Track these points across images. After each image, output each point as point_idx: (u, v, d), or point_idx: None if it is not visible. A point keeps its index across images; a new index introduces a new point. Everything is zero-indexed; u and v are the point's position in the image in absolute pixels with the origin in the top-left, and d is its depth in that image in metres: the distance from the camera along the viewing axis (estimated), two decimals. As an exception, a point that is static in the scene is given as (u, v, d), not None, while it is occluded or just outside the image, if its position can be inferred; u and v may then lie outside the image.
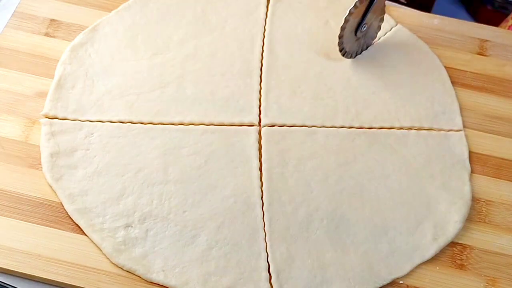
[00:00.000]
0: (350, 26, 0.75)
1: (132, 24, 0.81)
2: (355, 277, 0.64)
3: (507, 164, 0.74)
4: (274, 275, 0.63)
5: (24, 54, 0.77)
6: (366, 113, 0.76)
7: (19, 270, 0.62)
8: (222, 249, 0.64)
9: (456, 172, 0.72)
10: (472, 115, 0.78)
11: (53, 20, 0.81)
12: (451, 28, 0.86)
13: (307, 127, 0.74)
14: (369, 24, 0.78)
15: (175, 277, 0.62)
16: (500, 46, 0.85)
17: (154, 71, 0.77)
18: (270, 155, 0.71)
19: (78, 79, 0.75)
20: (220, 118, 0.73)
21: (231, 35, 0.81)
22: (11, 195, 0.66)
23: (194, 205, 0.67)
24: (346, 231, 0.67)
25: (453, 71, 0.81)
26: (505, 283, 0.66)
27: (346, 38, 0.76)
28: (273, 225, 0.66)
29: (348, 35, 0.76)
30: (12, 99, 0.73)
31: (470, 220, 0.69)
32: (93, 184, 0.67)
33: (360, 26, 0.76)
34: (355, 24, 0.76)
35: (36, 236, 0.64)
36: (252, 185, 0.69)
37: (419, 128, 0.75)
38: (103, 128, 0.71)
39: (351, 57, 0.79)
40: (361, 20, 0.76)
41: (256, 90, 0.76)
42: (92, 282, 0.62)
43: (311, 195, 0.69)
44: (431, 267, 0.66)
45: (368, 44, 0.81)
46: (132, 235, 0.64)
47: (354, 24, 0.76)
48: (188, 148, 0.71)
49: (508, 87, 0.81)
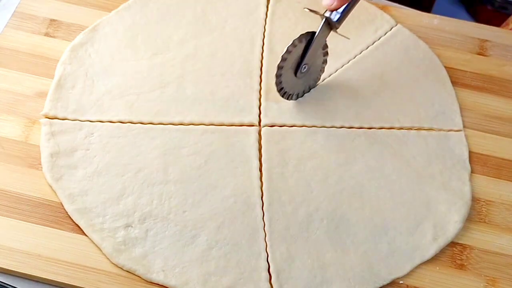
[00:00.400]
0: (288, 65, 0.70)
1: (132, 24, 0.81)
2: (355, 277, 0.64)
3: (507, 164, 0.74)
4: (274, 275, 0.63)
5: (24, 54, 0.77)
6: (366, 113, 0.76)
7: (19, 270, 0.62)
8: (222, 249, 0.64)
9: (456, 172, 0.72)
10: (472, 115, 0.78)
11: (53, 20, 0.81)
12: (451, 28, 0.86)
13: (307, 127, 0.74)
14: (311, 64, 0.72)
15: (175, 277, 0.62)
16: (500, 46, 0.85)
17: (154, 71, 0.77)
18: (270, 155, 0.71)
19: (78, 79, 0.75)
20: (220, 118, 0.73)
21: (231, 35, 0.81)
22: (11, 195, 0.66)
23: (194, 205, 0.67)
24: (346, 231, 0.67)
25: (453, 71, 0.81)
26: (505, 283, 0.66)
27: (285, 78, 0.71)
28: (273, 225, 0.66)
29: (287, 75, 0.71)
30: (12, 99, 0.73)
31: (470, 220, 0.69)
32: (93, 184, 0.67)
33: (300, 66, 0.71)
34: (295, 64, 0.71)
35: (36, 236, 0.64)
36: (252, 185, 0.69)
37: (419, 128, 0.75)
38: (103, 128, 0.71)
39: (292, 99, 0.74)
40: (300, 59, 0.70)
41: (256, 90, 0.76)
42: (92, 282, 0.62)
43: (311, 195, 0.69)
44: (431, 267, 0.66)
45: (312, 86, 0.76)
46: (132, 235, 0.64)
47: (293, 63, 0.70)
48: (188, 148, 0.71)
49: (508, 87, 0.81)
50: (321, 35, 0.69)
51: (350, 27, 0.83)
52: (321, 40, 0.70)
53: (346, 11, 0.67)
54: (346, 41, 0.82)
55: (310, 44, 0.69)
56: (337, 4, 0.65)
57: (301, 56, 0.70)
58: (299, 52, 0.69)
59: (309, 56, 0.70)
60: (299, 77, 0.72)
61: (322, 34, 0.69)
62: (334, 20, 0.67)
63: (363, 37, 0.83)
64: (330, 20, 0.67)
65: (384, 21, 0.85)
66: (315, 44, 0.69)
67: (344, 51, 0.81)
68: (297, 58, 0.70)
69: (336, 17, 0.67)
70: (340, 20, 0.67)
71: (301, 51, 0.69)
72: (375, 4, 0.86)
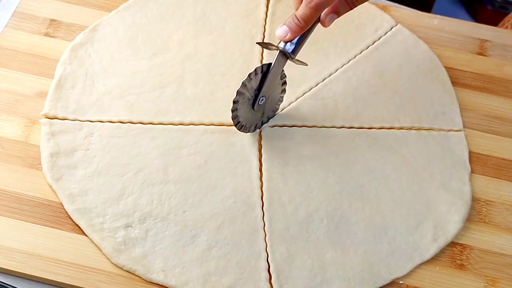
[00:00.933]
0: (245, 98, 0.67)
1: (132, 24, 0.81)
2: (355, 277, 0.64)
3: (507, 164, 0.74)
4: (274, 275, 0.63)
5: (24, 54, 0.77)
6: (366, 113, 0.76)
7: (19, 270, 0.62)
8: (222, 249, 0.64)
9: (456, 172, 0.72)
10: (472, 115, 0.78)
11: (53, 20, 0.81)
12: (451, 28, 0.86)
13: (307, 127, 0.74)
14: (269, 96, 0.70)
15: (175, 277, 0.62)
16: (500, 46, 0.85)
17: (154, 71, 0.77)
18: (270, 155, 0.71)
19: (78, 79, 0.75)
20: (220, 118, 0.73)
21: (231, 35, 0.81)
22: (11, 195, 0.66)
23: (194, 205, 0.67)
24: (346, 231, 0.67)
25: (453, 71, 0.81)
26: (505, 283, 0.66)
27: (242, 111, 0.68)
28: (273, 225, 0.66)
29: (244, 108, 0.68)
30: (12, 99, 0.73)
31: (470, 220, 0.69)
32: (93, 184, 0.67)
33: (257, 99, 0.68)
34: (251, 97, 0.68)
35: (36, 236, 0.64)
36: (252, 185, 0.69)
37: (419, 128, 0.75)
38: (103, 128, 0.71)
39: (249, 131, 0.71)
40: (257, 92, 0.68)
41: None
42: (92, 282, 0.62)
43: (311, 195, 0.69)
44: (431, 267, 0.66)
45: (270, 116, 0.74)
46: (132, 235, 0.64)
47: (249, 96, 0.68)
48: (188, 148, 0.71)
49: (508, 87, 0.81)
50: (277, 66, 0.67)
51: (350, 27, 0.83)
52: (277, 71, 0.68)
53: (301, 41, 0.65)
54: (346, 41, 0.82)
55: (266, 76, 0.67)
56: (291, 35, 0.64)
57: (258, 88, 0.68)
58: (255, 84, 0.67)
59: (266, 88, 0.68)
60: (257, 109, 0.69)
61: (278, 65, 0.67)
62: (289, 52, 0.65)
63: (363, 37, 0.83)
64: (285, 51, 0.65)
65: (384, 21, 0.85)
66: (271, 76, 0.67)
67: (344, 51, 0.81)
68: (254, 91, 0.68)
69: (290, 48, 0.65)
70: (295, 51, 0.65)
71: (257, 83, 0.67)
72: (375, 4, 0.86)
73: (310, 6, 0.61)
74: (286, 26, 0.63)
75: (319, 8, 0.62)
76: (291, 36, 0.63)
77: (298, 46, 0.65)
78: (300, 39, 0.65)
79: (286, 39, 0.64)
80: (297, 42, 0.65)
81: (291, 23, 0.63)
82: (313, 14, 0.62)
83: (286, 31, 0.63)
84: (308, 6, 0.61)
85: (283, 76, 0.71)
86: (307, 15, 0.62)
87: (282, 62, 0.67)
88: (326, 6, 0.62)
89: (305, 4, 0.62)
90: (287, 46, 0.65)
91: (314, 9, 0.61)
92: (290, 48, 0.65)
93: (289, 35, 0.63)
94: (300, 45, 0.65)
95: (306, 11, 0.62)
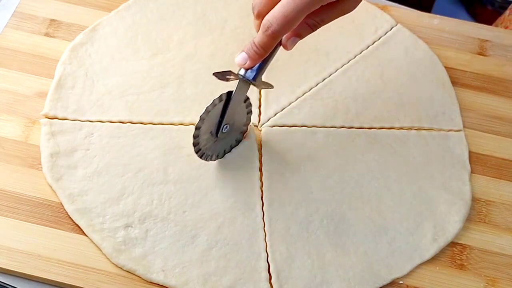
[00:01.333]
0: (207, 125, 0.65)
1: (132, 24, 0.81)
2: (355, 277, 0.64)
3: (507, 164, 0.74)
4: (274, 275, 0.63)
5: (24, 54, 0.77)
6: (366, 113, 0.76)
7: (19, 270, 0.62)
8: (222, 249, 0.64)
9: (456, 172, 0.72)
10: (472, 115, 0.78)
11: (53, 20, 0.81)
12: (451, 28, 0.86)
13: (307, 127, 0.74)
14: (233, 123, 0.67)
15: (175, 277, 0.62)
16: (500, 46, 0.85)
17: (154, 71, 0.77)
18: (270, 155, 0.71)
19: (78, 79, 0.75)
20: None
21: (231, 35, 0.81)
22: (11, 195, 0.66)
23: (194, 205, 0.67)
24: (346, 231, 0.67)
25: (453, 71, 0.82)
26: (505, 283, 0.66)
27: (204, 139, 0.66)
28: (273, 225, 0.66)
29: (206, 135, 0.66)
30: (12, 99, 0.73)
31: (470, 220, 0.69)
32: (93, 184, 0.67)
33: (221, 126, 0.66)
34: (215, 124, 0.66)
35: (36, 236, 0.64)
36: (252, 185, 0.69)
37: (419, 128, 0.75)
38: (103, 128, 0.71)
39: (210, 159, 0.69)
40: (220, 119, 0.65)
41: (256, 90, 0.76)
42: (92, 282, 0.62)
43: (311, 195, 0.69)
44: (431, 267, 0.66)
45: (233, 145, 0.71)
46: (132, 235, 0.64)
47: (212, 123, 0.65)
48: (188, 148, 0.70)
49: (508, 87, 0.81)
50: (239, 93, 0.64)
51: (350, 27, 0.83)
52: (240, 98, 0.65)
53: (263, 66, 0.61)
54: (346, 41, 0.82)
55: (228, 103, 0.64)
56: (250, 63, 0.60)
57: (221, 116, 0.65)
58: (218, 111, 0.64)
59: (229, 115, 0.65)
60: (221, 137, 0.67)
61: (240, 92, 0.64)
62: (250, 79, 0.61)
63: (363, 37, 0.83)
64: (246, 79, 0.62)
65: (384, 21, 0.85)
66: (232, 104, 0.64)
67: (344, 51, 0.81)
68: (217, 118, 0.65)
69: (251, 75, 0.61)
70: (257, 78, 0.61)
71: (220, 110, 0.65)
72: (375, 4, 0.86)
73: (267, 34, 0.57)
74: (245, 53, 0.60)
75: (276, 36, 0.57)
76: (251, 63, 0.60)
77: (259, 72, 0.61)
78: (262, 64, 0.61)
79: (245, 67, 0.61)
80: (258, 68, 0.61)
81: (249, 50, 0.59)
82: (271, 42, 0.58)
83: (245, 59, 0.60)
84: (265, 34, 0.57)
85: (247, 101, 0.67)
86: (264, 43, 0.58)
87: (244, 88, 0.64)
88: (284, 34, 0.58)
89: (262, 31, 0.58)
90: (247, 74, 0.61)
91: (271, 37, 0.57)
92: (251, 75, 0.61)
93: (249, 63, 0.60)
94: (262, 70, 0.62)
95: (263, 39, 0.58)
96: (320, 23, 0.60)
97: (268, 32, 0.57)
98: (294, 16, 0.55)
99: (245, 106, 0.68)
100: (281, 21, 0.56)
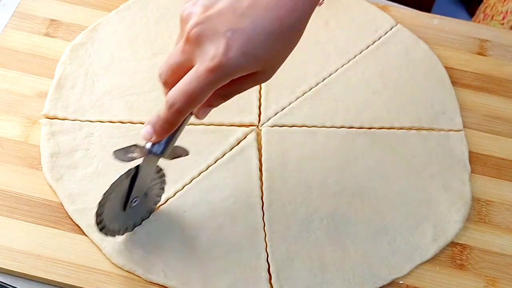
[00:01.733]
0: (113, 201, 0.59)
1: (132, 24, 0.81)
2: (355, 277, 0.64)
3: (507, 164, 0.74)
4: (274, 275, 0.63)
5: (24, 54, 0.77)
6: (366, 113, 0.76)
7: (19, 270, 0.62)
8: (222, 249, 0.64)
9: (456, 172, 0.72)
10: (472, 115, 0.78)
11: (53, 20, 0.81)
12: (451, 28, 0.86)
13: (307, 127, 0.74)
14: (144, 195, 0.62)
15: (175, 277, 0.62)
16: (500, 46, 0.85)
17: (154, 71, 0.76)
18: (270, 155, 0.71)
19: (78, 79, 0.75)
20: (220, 118, 0.73)
21: (231, 35, 0.81)
22: (11, 195, 0.66)
23: (194, 205, 0.67)
24: (346, 231, 0.67)
25: (453, 71, 0.81)
26: (505, 283, 0.66)
27: (110, 214, 0.59)
28: (273, 225, 0.66)
29: (112, 211, 0.59)
30: (12, 99, 0.73)
31: (470, 220, 0.69)
32: (93, 184, 0.67)
33: (129, 200, 0.60)
34: (122, 198, 0.60)
35: (36, 236, 0.64)
36: (252, 185, 0.69)
37: (419, 128, 0.75)
38: (103, 128, 0.71)
39: (119, 234, 0.62)
40: (127, 195, 0.60)
41: (256, 90, 0.76)
42: (92, 282, 0.62)
43: (311, 195, 0.69)
44: (431, 267, 0.66)
45: (145, 217, 0.65)
46: (132, 235, 0.64)
47: (120, 198, 0.60)
48: (188, 148, 0.71)
49: (508, 87, 0.81)
50: (146, 167, 0.58)
51: (350, 27, 0.83)
52: (149, 171, 0.59)
53: (172, 140, 0.56)
54: (346, 41, 0.82)
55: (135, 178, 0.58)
56: (156, 138, 0.54)
57: (128, 191, 0.59)
58: (125, 186, 0.59)
59: (137, 189, 0.59)
60: (129, 211, 0.61)
61: (148, 166, 0.58)
62: (157, 153, 0.55)
63: (363, 37, 0.83)
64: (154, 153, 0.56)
65: (384, 21, 0.85)
66: (140, 178, 0.59)
67: (344, 51, 0.81)
68: (125, 192, 0.59)
69: (159, 149, 0.55)
70: (165, 151, 0.55)
71: (128, 185, 0.59)
72: (375, 4, 0.86)
73: (171, 111, 0.51)
74: (150, 126, 0.54)
75: (182, 112, 0.51)
76: (157, 139, 0.54)
77: (168, 145, 0.55)
78: (170, 139, 0.55)
79: (152, 141, 0.55)
80: (167, 141, 0.55)
81: (155, 125, 0.53)
82: (177, 118, 0.52)
83: (150, 134, 0.54)
84: (170, 111, 0.51)
85: (160, 172, 0.62)
86: (170, 119, 0.52)
87: (152, 162, 0.58)
88: (190, 110, 0.52)
89: (167, 107, 0.51)
90: (155, 148, 0.55)
91: (176, 114, 0.51)
92: (159, 149, 0.55)
93: (155, 138, 0.54)
94: (171, 142, 0.56)
95: (169, 115, 0.52)
96: (233, 93, 0.55)
97: (173, 110, 0.51)
98: (198, 94, 0.50)
99: (158, 177, 0.62)
100: (185, 100, 0.50)
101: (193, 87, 0.49)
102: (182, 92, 0.50)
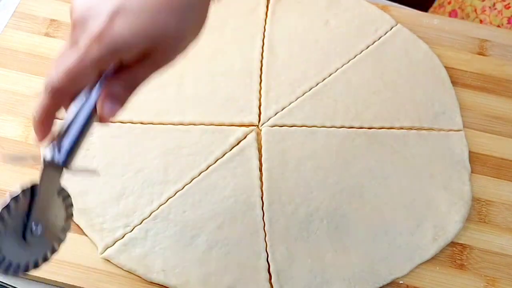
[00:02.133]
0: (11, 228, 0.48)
1: (132, 24, 0.81)
2: (355, 277, 0.64)
3: (507, 164, 0.74)
4: (274, 275, 0.63)
5: (24, 54, 0.77)
6: (366, 113, 0.76)
7: (19, 270, 0.62)
8: (222, 249, 0.64)
9: (456, 172, 0.72)
10: (472, 115, 0.78)
11: (53, 20, 0.81)
12: (451, 28, 0.86)
13: (307, 127, 0.74)
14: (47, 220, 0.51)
15: (175, 277, 0.62)
16: (500, 46, 0.85)
17: (154, 71, 0.77)
18: (270, 155, 0.71)
19: (78, 79, 0.75)
20: (220, 118, 0.73)
21: (231, 35, 0.81)
22: (11, 195, 0.66)
23: (194, 205, 0.67)
24: (346, 231, 0.67)
25: (453, 71, 0.81)
26: (505, 283, 0.66)
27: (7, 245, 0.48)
28: (273, 225, 0.66)
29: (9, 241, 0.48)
30: (12, 99, 0.73)
31: (470, 220, 0.69)
32: (93, 184, 0.67)
33: (27, 228, 0.49)
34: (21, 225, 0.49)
35: (36, 236, 0.64)
36: (252, 185, 0.69)
37: (419, 128, 0.75)
38: (103, 128, 0.71)
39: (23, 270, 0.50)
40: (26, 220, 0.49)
41: (256, 90, 0.76)
42: (92, 282, 0.62)
43: (311, 195, 0.69)
44: (431, 267, 0.66)
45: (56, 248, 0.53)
46: (132, 235, 0.64)
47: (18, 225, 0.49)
48: (188, 148, 0.71)
49: (508, 87, 0.81)
50: (46, 184, 0.49)
51: (350, 27, 0.83)
52: (49, 189, 0.50)
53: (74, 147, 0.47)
54: (346, 41, 0.82)
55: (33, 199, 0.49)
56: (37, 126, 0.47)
57: (27, 215, 0.49)
58: (23, 209, 0.48)
59: (38, 213, 0.49)
60: (32, 241, 0.50)
61: (48, 182, 0.49)
62: (59, 164, 0.46)
63: (363, 37, 0.83)
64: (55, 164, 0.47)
65: (384, 21, 0.85)
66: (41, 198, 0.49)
67: (344, 51, 0.81)
68: (23, 218, 0.49)
69: (61, 159, 0.46)
70: (68, 161, 0.47)
71: (26, 208, 0.48)
72: (375, 4, 0.86)
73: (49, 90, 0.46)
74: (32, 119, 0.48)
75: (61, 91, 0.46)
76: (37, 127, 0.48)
77: (70, 155, 0.47)
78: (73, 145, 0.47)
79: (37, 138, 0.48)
80: (69, 150, 0.47)
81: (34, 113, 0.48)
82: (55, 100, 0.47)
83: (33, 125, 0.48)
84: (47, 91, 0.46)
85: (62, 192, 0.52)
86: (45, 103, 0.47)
87: (54, 176, 0.49)
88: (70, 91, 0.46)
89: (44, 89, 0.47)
90: (56, 157, 0.46)
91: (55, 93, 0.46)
92: (60, 159, 0.46)
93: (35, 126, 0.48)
94: (73, 150, 0.47)
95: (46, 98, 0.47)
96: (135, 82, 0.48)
97: (50, 90, 0.45)
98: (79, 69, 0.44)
99: (62, 199, 0.52)
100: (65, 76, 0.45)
101: (72, 62, 0.44)
102: (61, 69, 0.45)
